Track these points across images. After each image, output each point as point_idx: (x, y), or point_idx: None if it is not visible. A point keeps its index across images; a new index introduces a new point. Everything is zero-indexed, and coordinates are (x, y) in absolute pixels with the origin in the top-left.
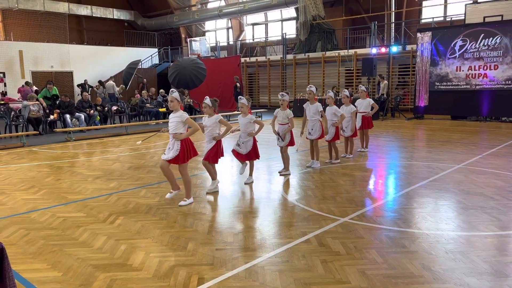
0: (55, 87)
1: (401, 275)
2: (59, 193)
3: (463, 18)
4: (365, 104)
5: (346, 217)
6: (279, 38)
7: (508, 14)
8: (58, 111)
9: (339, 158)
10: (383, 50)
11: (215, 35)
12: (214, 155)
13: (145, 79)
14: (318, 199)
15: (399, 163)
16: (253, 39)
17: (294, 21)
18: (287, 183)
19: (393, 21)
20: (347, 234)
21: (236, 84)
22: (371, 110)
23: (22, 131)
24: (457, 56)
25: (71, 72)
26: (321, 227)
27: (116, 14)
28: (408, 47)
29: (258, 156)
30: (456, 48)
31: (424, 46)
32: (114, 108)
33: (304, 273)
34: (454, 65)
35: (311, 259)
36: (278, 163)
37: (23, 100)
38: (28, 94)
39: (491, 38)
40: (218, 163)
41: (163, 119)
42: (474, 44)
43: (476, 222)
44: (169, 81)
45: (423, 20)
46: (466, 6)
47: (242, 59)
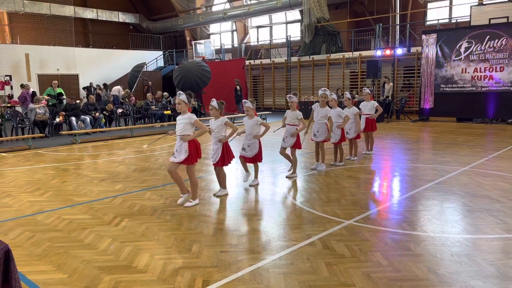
0: (60, 87)
1: (406, 278)
2: (65, 195)
3: (468, 20)
4: (369, 107)
5: (351, 219)
6: (284, 40)
7: None
8: (64, 113)
9: (343, 161)
10: (388, 52)
11: (219, 37)
12: (221, 159)
13: (150, 82)
14: (322, 201)
15: (404, 165)
16: (257, 42)
17: (299, 23)
18: (292, 185)
19: (398, 23)
20: (352, 237)
21: (236, 87)
22: (375, 112)
23: (28, 134)
24: (462, 58)
25: (77, 75)
26: (325, 229)
27: (121, 17)
28: (413, 49)
29: (261, 159)
30: (462, 50)
31: (429, 48)
32: (120, 110)
33: (309, 275)
34: (459, 67)
35: (316, 261)
36: (283, 165)
37: (20, 103)
38: (25, 96)
39: (496, 40)
40: (227, 166)
41: (168, 121)
42: (480, 46)
43: (482, 224)
44: (174, 83)
45: (428, 22)
46: (471, 7)
47: (247, 62)
